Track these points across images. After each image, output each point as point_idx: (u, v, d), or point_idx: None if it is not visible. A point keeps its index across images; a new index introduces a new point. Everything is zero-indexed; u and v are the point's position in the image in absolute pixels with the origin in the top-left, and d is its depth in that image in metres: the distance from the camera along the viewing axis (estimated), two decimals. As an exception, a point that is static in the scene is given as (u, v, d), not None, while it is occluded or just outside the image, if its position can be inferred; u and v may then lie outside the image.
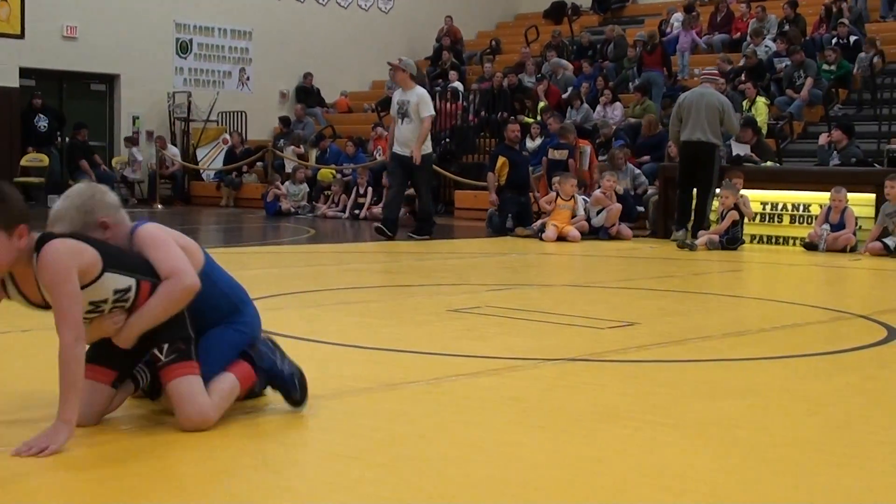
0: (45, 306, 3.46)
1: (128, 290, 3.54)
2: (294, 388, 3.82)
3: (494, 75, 21.69)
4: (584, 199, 14.55)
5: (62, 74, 22.50)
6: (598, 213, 14.33)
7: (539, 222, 14.37)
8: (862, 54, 18.59)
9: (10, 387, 4.29)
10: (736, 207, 12.90)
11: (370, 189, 18.55)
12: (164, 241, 3.68)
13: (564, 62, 22.26)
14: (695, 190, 13.30)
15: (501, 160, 15.30)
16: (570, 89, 20.70)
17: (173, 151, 22.76)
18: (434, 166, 18.82)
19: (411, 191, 14.82)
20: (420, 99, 13.52)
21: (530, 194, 15.53)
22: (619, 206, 14.27)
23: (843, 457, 3.50)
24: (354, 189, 18.76)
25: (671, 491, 3.05)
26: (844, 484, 3.18)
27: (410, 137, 13.50)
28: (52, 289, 3.37)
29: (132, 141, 22.90)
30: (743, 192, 13.34)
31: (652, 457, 3.42)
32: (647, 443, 3.60)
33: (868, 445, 3.67)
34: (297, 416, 3.78)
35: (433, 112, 13.95)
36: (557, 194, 14.13)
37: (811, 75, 18.44)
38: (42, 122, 21.50)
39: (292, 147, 21.75)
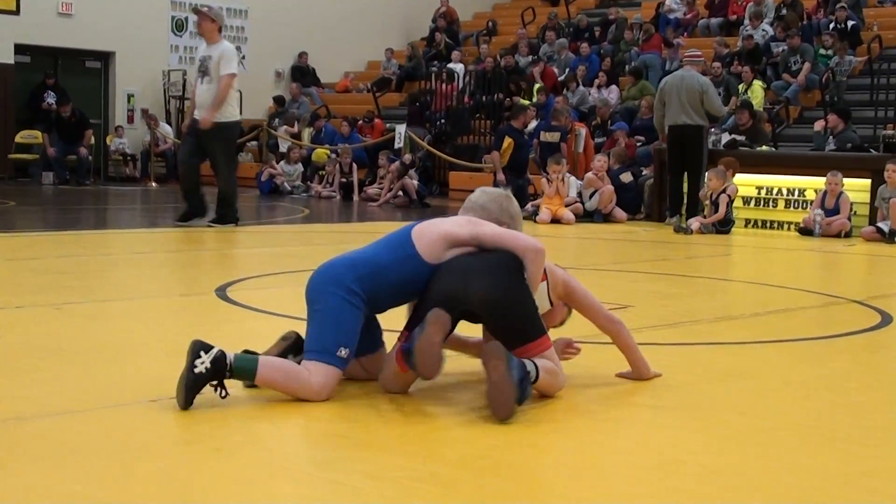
0: None
1: None
2: None
3: (487, 57, 21.64)
4: (578, 183, 14.54)
5: (57, 51, 22.40)
6: (592, 195, 14.33)
7: (531, 204, 14.38)
8: (836, 57, 18.35)
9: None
10: (724, 190, 12.89)
11: (355, 167, 18.54)
12: None
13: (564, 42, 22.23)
14: (686, 174, 13.34)
15: (508, 141, 15.33)
16: (567, 71, 20.67)
17: (166, 129, 22.66)
18: (429, 147, 18.84)
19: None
20: (222, 54, 11.27)
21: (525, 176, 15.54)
22: (611, 188, 14.26)
23: (835, 440, 3.50)
24: (337, 167, 18.73)
25: (663, 472, 3.05)
26: (837, 467, 3.18)
27: (208, 99, 11.25)
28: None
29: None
30: (738, 177, 13.34)
31: (644, 438, 3.43)
32: (638, 424, 3.60)
33: (861, 429, 3.68)
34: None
35: (235, 70, 11.40)
36: (548, 179, 14.12)
37: (808, 60, 18.41)
38: (50, 100, 21.37)
39: (285, 126, 21.70)
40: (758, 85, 17.60)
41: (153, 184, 21.29)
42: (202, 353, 3.58)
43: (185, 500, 2.76)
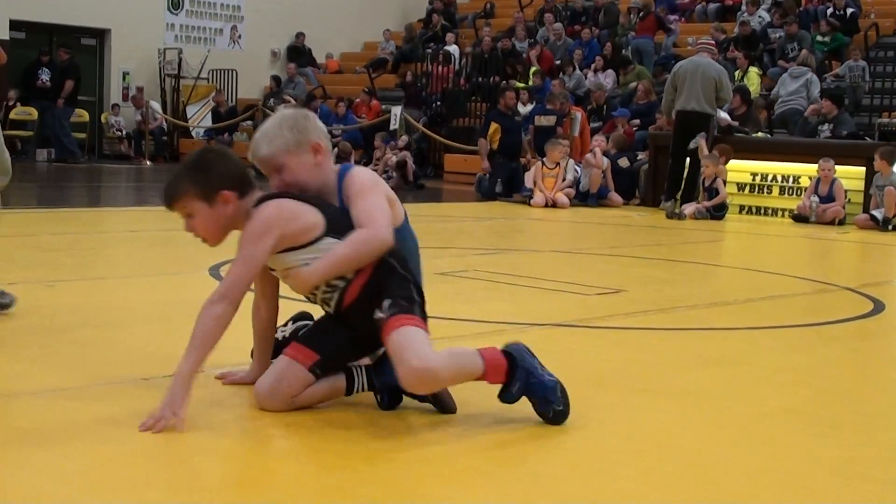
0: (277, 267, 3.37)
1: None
2: (555, 398, 3.33)
3: (484, 39, 21.59)
4: (575, 168, 14.52)
5: (53, 28, 22.32)
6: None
7: (528, 186, 14.39)
8: (851, 62, 18.15)
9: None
10: (718, 176, 12.92)
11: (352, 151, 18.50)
12: (371, 190, 3.41)
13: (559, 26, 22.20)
14: (687, 160, 13.32)
15: (494, 126, 15.33)
16: (567, 53, 20.63)
17: (155, 107, 22.52)
18: (424, 129, 18.80)
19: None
20: None
21: (521, 159, 15.52)
22: (599, 171, 14.24)
23: (825, 427, 3.51)
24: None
25: (653, 457, 3.06)
26: (826, 454, 3.19)
27: None
28: (240, 244, 3.27)
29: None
30: (732, 163, 13.35)
31: (634, 424, 3.43)
32: (629, 409, 3.61)
33: (850, 416, 3.69)
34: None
35: None
36: (543, 162, 14.11)
37: (805, 47, 18.38)
38: (44, 76, 21.22)
39: (283, 105, 21.66)
40: (753, 71, 17.58)
41: (147, 162, 21.25)
42: (291, 322, 3.66)
43: (176, 478, 2.76)
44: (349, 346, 3.42)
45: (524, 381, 3.32)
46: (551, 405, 3.32)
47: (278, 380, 3.31)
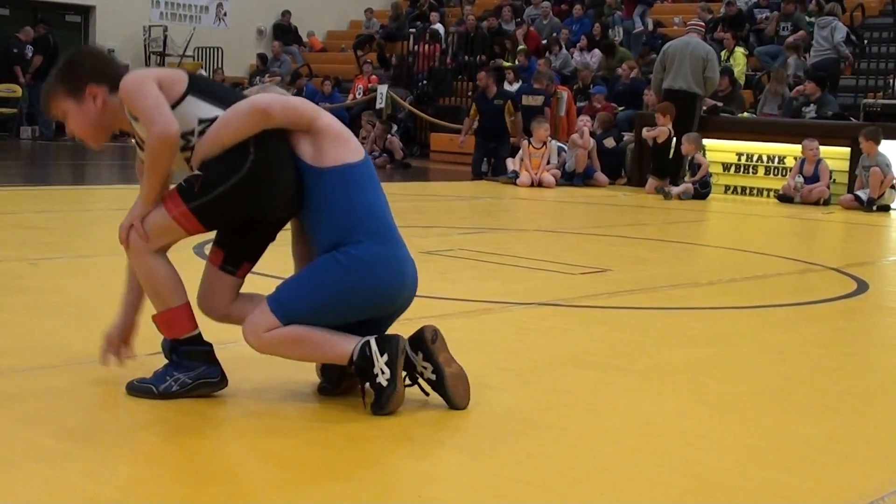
0: None
1: (215, 120, 3.21)
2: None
3: (468, 18, 21.49)
4: (559, 146, 14.49)
5: (37, 4, 22.19)
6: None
7: (512, 167, 14.37)
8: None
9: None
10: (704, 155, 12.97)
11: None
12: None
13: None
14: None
15: (474, 108, 15.55)
16: (553, 34, 20.56)
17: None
18: (411, 107, 18.76)
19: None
20: None
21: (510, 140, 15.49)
22: (584, 151, 14.23)
23: (808, 406, 3.53)
24: None
25: (637, 434, 3.07)
26: (810, 432, 3.20)
27: None
28: (133, 101, 3.20)
29: None
30: (718, 143, 13.37)
31: (618, 402, 3.44)
32: (614, 388, 3.61)
33: (833, 395, 3.71)
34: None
35: None
36: (529, 142, 14.08)
37: (801, 27, 18.34)
38: (29, 53, 21.00)
39: (269, 81, 21.54)
40: (739, 51, 17.57)
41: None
42: None
43: (158, 455, 2.76)
44: (248, 232, 3.48)
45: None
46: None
47: (204, 284, 3.46)
